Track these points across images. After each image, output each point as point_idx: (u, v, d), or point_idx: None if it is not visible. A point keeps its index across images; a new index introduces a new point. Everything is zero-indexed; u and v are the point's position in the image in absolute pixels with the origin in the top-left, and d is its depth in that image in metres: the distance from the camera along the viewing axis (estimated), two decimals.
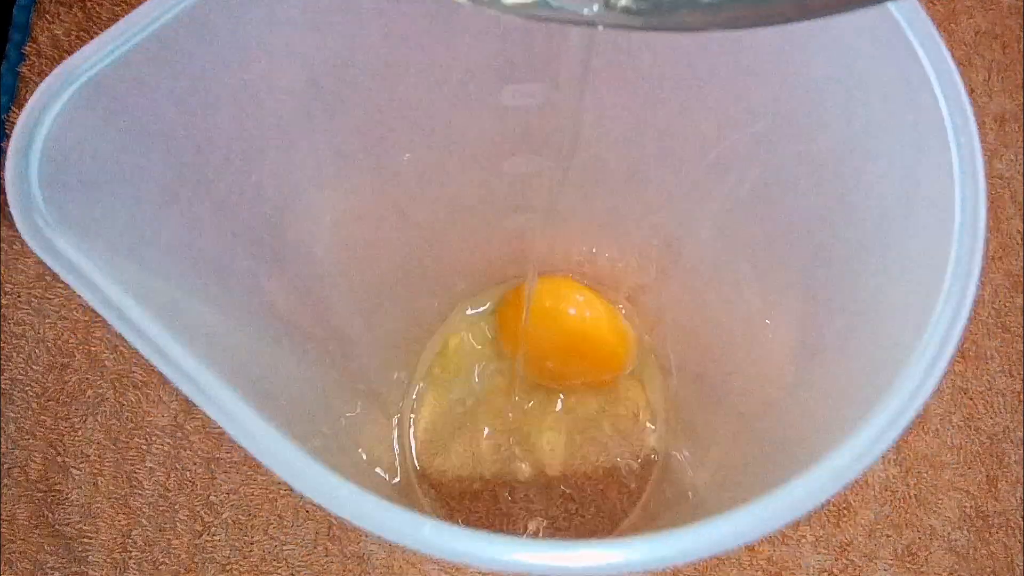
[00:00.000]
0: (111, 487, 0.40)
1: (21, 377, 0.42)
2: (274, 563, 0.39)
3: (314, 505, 0.18)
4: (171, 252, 0.22)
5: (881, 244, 0.22)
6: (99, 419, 0.41)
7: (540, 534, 0.39)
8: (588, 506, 0.40)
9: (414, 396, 0.41)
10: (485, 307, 0.43)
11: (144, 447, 0.41)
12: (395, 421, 0.41)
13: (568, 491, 0.40)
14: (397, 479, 0.38)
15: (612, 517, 0.39)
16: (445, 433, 0.41)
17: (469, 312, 0.43)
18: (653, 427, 0.41)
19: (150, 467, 0.41)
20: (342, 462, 0.26)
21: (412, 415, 0.41)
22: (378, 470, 0.34)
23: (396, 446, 0.40)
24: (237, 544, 0.40)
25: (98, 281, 0.17)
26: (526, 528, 0.40)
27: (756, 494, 0.16)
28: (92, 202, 0.19)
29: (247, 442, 0.16)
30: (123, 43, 0.19)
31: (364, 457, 0.32)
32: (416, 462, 0.40)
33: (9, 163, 0.18)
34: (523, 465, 0.40)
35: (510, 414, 0.40)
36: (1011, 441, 0.41)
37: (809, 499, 0.16)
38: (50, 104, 0.18)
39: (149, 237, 0.21)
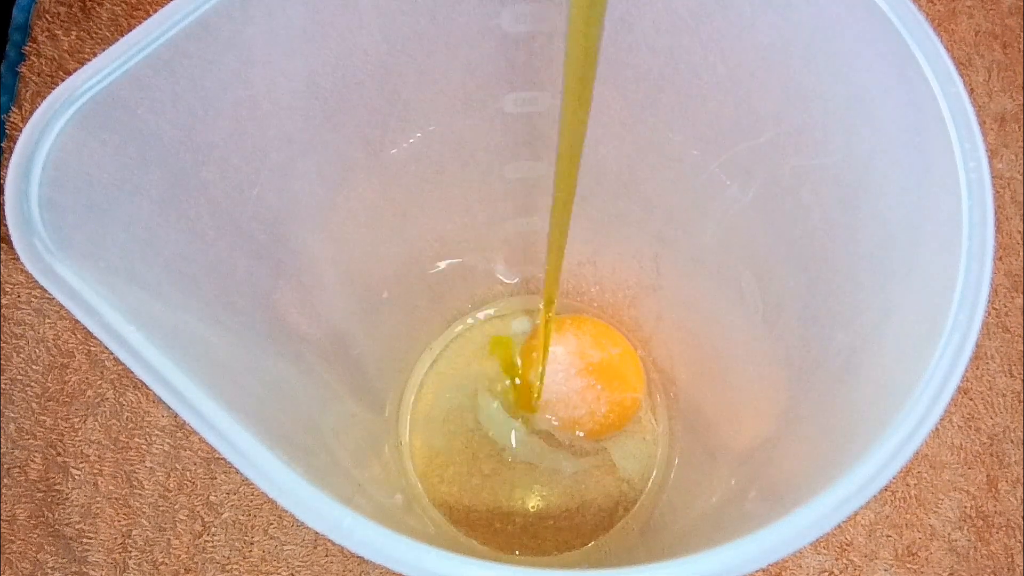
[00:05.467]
0: (111, 487, 0.40)
1: (21, 377, 0.42)
2: (274, 563, 0.39)
3: None
4: (171, 270, 0.22)
5: (885, 265, 0.21)
6: (99, 419, 0.41)
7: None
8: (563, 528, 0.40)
9: (412, 403, 0.41)
10: (484, 313, 0.43)
11: (144, 447, 0.41)
12: (394, 431, 0.41)
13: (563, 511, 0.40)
14: (399, 498, 0.38)
15: (581, 536, 0.40)
16: (442, 449, 0.40)
17: (469, 319, 0.43)
18: (654, 446, 0.41)
19: (150, 467, 0.41)
20: (341, 480, 0.26)
21: (409, 424, 0.41)
22: (376, 486, 0.34)
23: (395, 457, 0.40)
24: (237, 544, 0.40)
25: (98, 307, 0.17)
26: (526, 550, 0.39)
27: (745, 532, 0.16)
28: (91, 223, 0.19)
29: (250, 472, 0.16)
30: (122, 63, 0.19)
31: (362, 472, 0.32)
32: (413, 474, 0.40)
33: (9, 186, 0.18)
34: (521, 488, 0.40)
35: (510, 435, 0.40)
36: (1011, 441, 0.41)
37: (812, 529, 0.16)
38: (50, 125, 0.18)
39: (150, 256, 0.21)
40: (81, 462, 0.41)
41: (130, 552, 0.39)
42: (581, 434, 0.40)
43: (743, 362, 0.33)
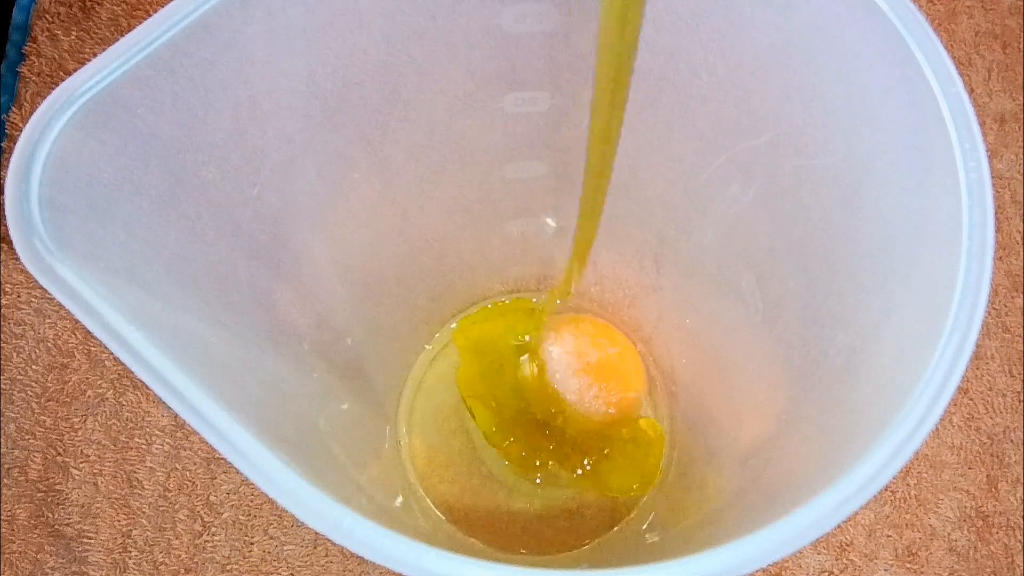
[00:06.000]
0: (111, 487, 0.40)
1: (21, 377, 0.42)
2: (274, 563, 0.39)
3: None
4: (171, 270, 0.22)
5: (885, 265, 0.21)
6: (99, 419, 0.41)
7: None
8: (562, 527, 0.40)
9: (412, 403, 0.41)
10: (484, 312, 0.43)
11: (144, 447, 0.41)
12: (394, 431, 0.41)
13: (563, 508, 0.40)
14: (399, 498, 0.38)
15: (581, 536, 0.39)
16: (442, 449, 0.40)
17: (468, 318, 0.43)
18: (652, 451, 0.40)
19: (150, 467, 0.41)
20: (340, 480, 0.26)
21: (409, 424, 0.41)
22: (376, 486, 0.34)
23: (394, 457, 0.40)
24: (237, 544, 0.40)
25: (98, 307, 0.17)
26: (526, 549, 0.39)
27: (743, 532, 0.16)
28: (91, 223, 0.19)
29: (250, 472, 0.16)
30: (122, 63, 0.19)
31: (362, 472, 0.32)
32: (413, 473, 0.40)
33: (9, 186, 0.18)
34: (521, 488, 0.40)
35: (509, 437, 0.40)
36: (1011, 441, 0.41)
37: (811, 529, 0.16)
38: (50, 125, 0.18)
39: (150, 256, 0.21)
40: (81, 462, 0.41)
41: (130, 552, 0.39)
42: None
43: (743, 362, 0.33)
